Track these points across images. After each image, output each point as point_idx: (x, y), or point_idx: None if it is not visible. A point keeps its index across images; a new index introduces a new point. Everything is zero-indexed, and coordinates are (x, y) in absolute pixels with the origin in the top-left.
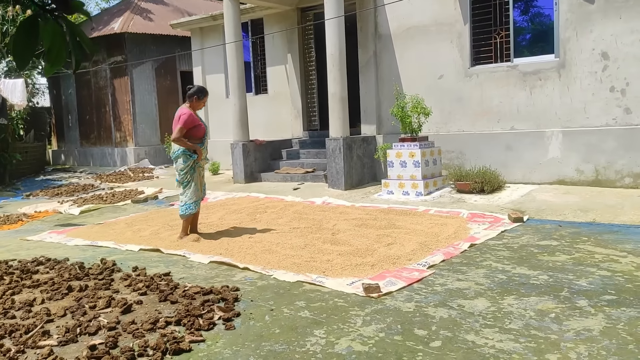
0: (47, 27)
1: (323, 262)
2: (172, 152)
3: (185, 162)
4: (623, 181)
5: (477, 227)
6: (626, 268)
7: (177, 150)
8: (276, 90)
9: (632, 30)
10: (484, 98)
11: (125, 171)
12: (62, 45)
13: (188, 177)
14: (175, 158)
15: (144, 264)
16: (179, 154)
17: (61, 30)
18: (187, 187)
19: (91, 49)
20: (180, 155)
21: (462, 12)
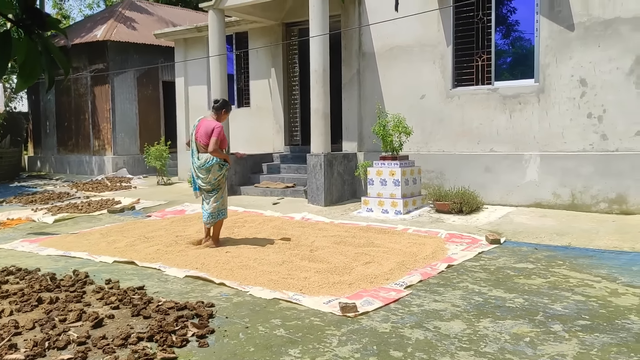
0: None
1: (300, 280)
2: (205, 162)
3: (220, 171)
4: (598, 206)
5: (455, 247)
6: (600, 293)
7: (211, 160)
8: (259, 104)
9: (610, 58)
10: (465, 119)
11: (103, 180)
12: (35, 62)
13: (222, 184)
14: (208, 167)
15: (118, 276)
16: (213, 164)
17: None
18: (219, 194)
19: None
20: (215, 164)
21: (445, 34)
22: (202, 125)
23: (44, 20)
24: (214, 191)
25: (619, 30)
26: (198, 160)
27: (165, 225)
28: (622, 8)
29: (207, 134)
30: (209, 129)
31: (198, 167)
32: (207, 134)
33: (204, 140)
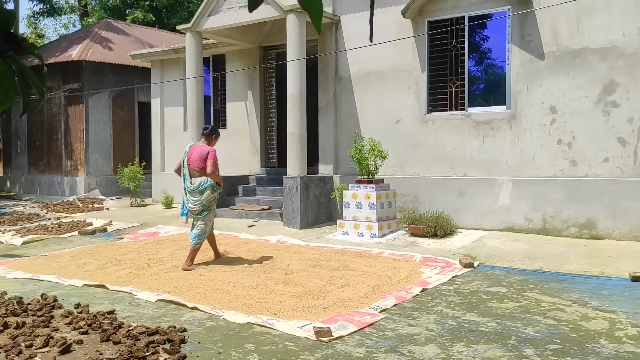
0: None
1: (275, 304)
2: (200, 185)
3: (213, 194)
4: (569, 230)
5: (429, 271)
6: (571, 317)
7: (205, 183)
8: (235, 126)
9: (579, 87)
10: (439, 144)
11: (74, 201)
12: (10, 86)
13: (212, 207)
14: (202, 190)
15: (88, 300)
16: (207, 186)
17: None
18: (207, 216)
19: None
20: (208, 187)
21: (419, 61)
22: (194, 150)
23: (19, 45)
24: (203, 212)
25: (587, 60)
26: (191, 185)
27: (138, 248)
28: (589, 39)
29: (201, 158)
30: (203, 154)
31: (191, 190)
32: (201, 158)
33: (198, 165)
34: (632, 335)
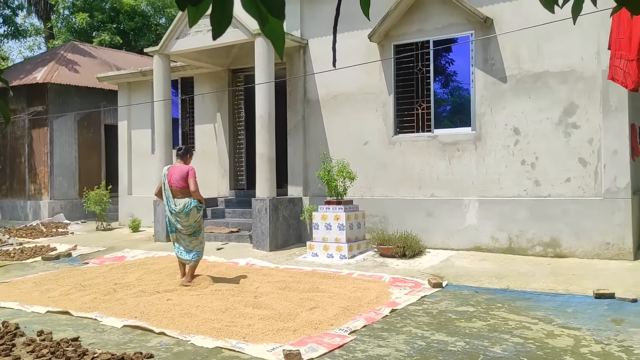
0: None
1: (244, 327)
2: (184, 207)
3: (198, 213)
4: (534, 249)
5: (398, 291)
6: (537, 335)
7: (189, 205)
8: (204, 148)
9: (540, 109)
10: (407, 165)
11: (38, 226)
12: None
13: (201, 225)
14: (187, 212)
15: (51, 327)
16: (192, 208)
17: None
18: (201, 234)
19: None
20: (193, 208)
21: (386, 83)
22: (174, 171)
23: None
24: (195, 233)
25: (547, 83)
26: (176, 207)
27: (104, 273)
28: (549, 62)
29: (182, 177)
30: (183, 173)
31: (177, 212)
32: (182, 177)
33: (180, 184)
34: (596, 352)
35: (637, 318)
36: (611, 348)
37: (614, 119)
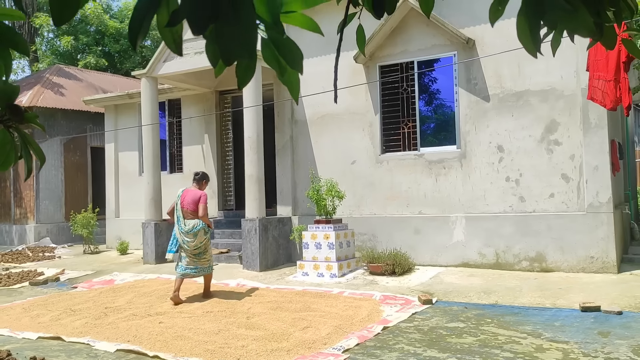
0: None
1: (238, 348)
2: (193, 227)
3: (205, 235)
4: (521, 264)
5: (389, 309)
6: (527, 349)
7: (198, 226)
8: (192, 169)
9: (523, 127)
10: (394, 183)
11: (24, 250)
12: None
13: (207, 246)
14: (195, 232)
15: (43, 353)
16: (199, 229)
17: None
18: (208, 253)
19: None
20: (201, 229)
21: (372, 103)
22: (187, 194)
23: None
24: (200, 254)
25: (529, 101)
26: (185, 227)
27: (93, 297)
28: (530, 81)
29: (194, 201)
30: (195, 197)
31: (186, 232)
32: (194, 201)
33: (191, 207)
34: None
35: (623, 330)
36: None
37: (594, 136)
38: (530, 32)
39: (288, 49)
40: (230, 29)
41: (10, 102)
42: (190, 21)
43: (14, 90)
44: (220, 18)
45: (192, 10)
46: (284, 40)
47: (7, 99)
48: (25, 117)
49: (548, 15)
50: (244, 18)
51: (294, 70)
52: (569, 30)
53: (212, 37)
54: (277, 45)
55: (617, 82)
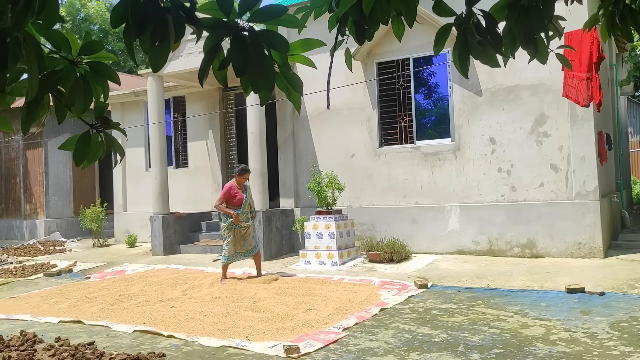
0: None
1: (245, 328)
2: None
3: (224, 223)
4: (512, 251)
5: (387, 293)
6: (513, 326)
7: (220, 213)
8: (197, 164)
9: (513, 120)
10: (392, 175)
11: (35, 244)
12: (98, 150)
13: (226, 234)
14: (221, 217)
15: (66, 334)
16: (222, 217)
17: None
18: (225, 242)
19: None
20: (222, 217)
21: (370, 98)
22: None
23: (108, 124)
24: (223, 239)
25: (520, 95)
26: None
27: (107, 286)
28: (520, 77)
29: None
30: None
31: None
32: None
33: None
34: (564, 338)
35: (604, 309)
36: (578, 335)
37: (581, 128)
38: (460, 60)
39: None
40: (258, 73)
41: (102, 114)
42: (234, 68)
43: (105, 107)
44: (250, 66)
45: (235, 61)
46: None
47: (100, 112)
48: (110, 125)
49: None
50: (266, 66)
51: (297, 93)
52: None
53: (246, 77)
54: (285, 77)
55: (590, 80)
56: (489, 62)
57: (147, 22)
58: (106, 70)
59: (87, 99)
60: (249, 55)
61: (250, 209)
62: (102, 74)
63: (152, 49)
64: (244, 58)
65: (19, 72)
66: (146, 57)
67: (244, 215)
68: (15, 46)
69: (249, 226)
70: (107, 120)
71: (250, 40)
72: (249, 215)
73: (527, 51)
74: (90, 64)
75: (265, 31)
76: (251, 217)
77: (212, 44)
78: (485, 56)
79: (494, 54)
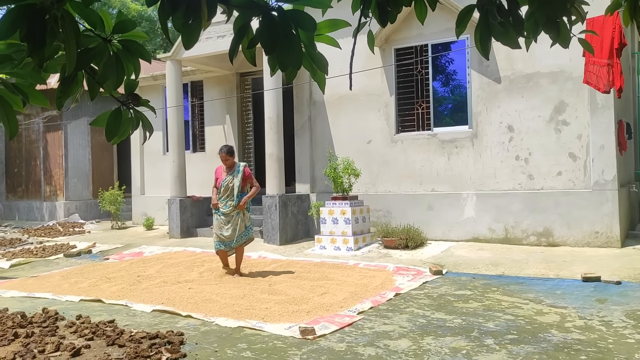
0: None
1: (262, 310)
2: None
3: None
4: (528, 239)
5: (401, 279)
6: (527, 313)
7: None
8: (214, 148)
9: (532, 107)
10: (408, 162)
11: (55, 225)
12: (128, 126)
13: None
14: None
15: (87, 313)
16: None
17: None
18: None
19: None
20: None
21: (388, 85)
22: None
23: (138, 100)
24: None
25: (539, 83)
26: None
27: (125, 267)
28: (540, 64)
29: None
30: None
31: None
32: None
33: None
34: (579, 325)
35: (620, 298)
36: (593, 322)
37: (601, 116)
38: (481, 41)
39: (319, 59)
40: (285, 52)
41: (132, 91)
42: (263, 46)
43: (135, 84)
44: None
45: (264, 40)
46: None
47: (131, 90)
48: (140, 102)
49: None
50: (294, 45)
51: (322, 72)
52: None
53: (274, 55)
54: (311, 56)
55: (610, 67)
56: (510, 44)
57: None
58: (138, 48)
59: (120, 76)
60: (277, 34)
61: (234, 195)
62: (134, 52)
63: (185, 26)
64: (272, 37)
65: (56, 49)
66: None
67: (223, 203)
68: (53, 23)
69: (231, 215)
70: (138, 97)
71: (279, 20)
72: (232, 202)
73: (549, 35)
74: (123, 42)
75: (293, 11)
76: (237, 205)
77: (242, 23)
78: (506, 38)
79: (515, 36)
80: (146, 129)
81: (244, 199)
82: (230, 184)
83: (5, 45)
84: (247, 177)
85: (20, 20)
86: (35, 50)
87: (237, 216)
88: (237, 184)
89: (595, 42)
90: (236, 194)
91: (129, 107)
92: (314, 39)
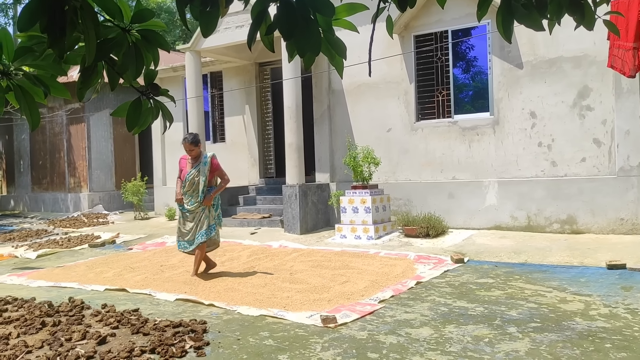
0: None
1: (283, 299)
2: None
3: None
4: (552, 227)
5: (422, 267)
6: (551, 301)
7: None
8: (233, 139)
9: (555, 93)
10: (429, 150)
11: (79, 217)
12: (148, 115)
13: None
14: None
15: (112, 302)
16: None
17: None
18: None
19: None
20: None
21: (407, 72)
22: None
23: (158, 90)
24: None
25: (562, 67)
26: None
27: (148, 257)
28: (563, 48)
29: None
30: None
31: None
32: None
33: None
34: (604, 314)
35: None
36: (618, 310)
37: (626, 101)
38: (504, 24)
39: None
40: (304, 38)
41: (152, 81)
42: (281, 32)
43: (155, 74)
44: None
45: (282, 26)
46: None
47: (150, 79)
48: (160, 91)
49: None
50: (312, 30)
51: (340, 57)
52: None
53: (292, 41)
54: (329, 41)
55: (636, 50)
56: (534, 26)
57: None
58: (157, 38)
59: (139, 65)
60: (295, 19)
61: (200, 191)
62: (153, 42)
63: (203, 14)
64: (290, 22)
65: (76, 40)
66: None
67: (187, 199)
68: (73, 14)
69: (196, 212)
70: (157, 87)
71: (297, 5)
72: (197, 199)
73: (573, 17)
74: (142, 31)
75: None
76: (202, 202)
77: (260, 9)
78: (529, 20)
79: (538, 18)
80: (166, 119)
81: (211, 195)
82: (195, 177)
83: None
84: (214, 169)
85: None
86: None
87: (202, 212)
88: (203, 178)
89: (620, 24)
90: (201, 190)
91: (149, 97)
92: (332, 24)
